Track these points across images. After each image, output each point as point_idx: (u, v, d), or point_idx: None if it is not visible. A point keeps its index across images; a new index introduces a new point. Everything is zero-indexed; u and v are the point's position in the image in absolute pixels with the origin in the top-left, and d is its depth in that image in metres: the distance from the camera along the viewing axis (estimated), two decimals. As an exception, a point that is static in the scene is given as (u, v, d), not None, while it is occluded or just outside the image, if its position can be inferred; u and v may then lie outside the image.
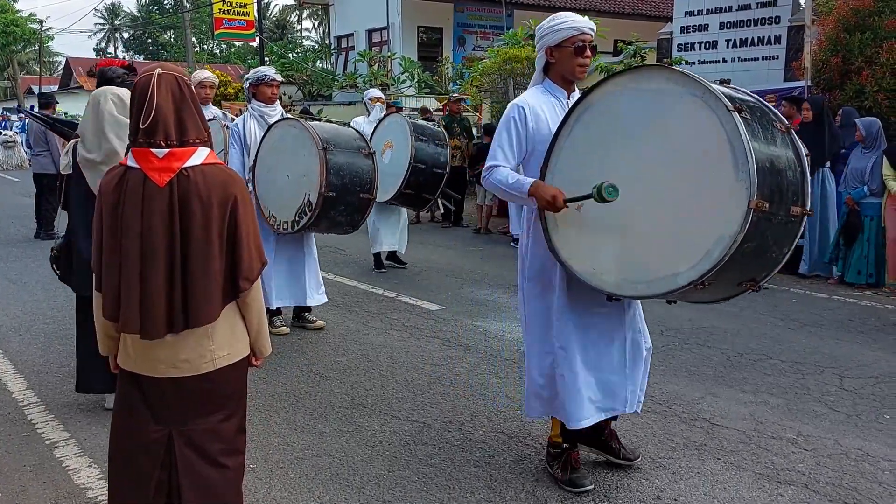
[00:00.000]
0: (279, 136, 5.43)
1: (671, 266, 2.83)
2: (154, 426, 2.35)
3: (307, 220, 5.22)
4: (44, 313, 6.34)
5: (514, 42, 16.98)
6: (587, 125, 3.10)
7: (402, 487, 3.38)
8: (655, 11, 25.79)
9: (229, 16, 25.97)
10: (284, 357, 5.21)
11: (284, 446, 3.80)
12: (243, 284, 2.35)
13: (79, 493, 3.34)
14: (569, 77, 3.31)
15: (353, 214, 5.46)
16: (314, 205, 5.17)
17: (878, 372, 4.90)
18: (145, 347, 2.32)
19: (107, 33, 63.11)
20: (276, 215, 5.42)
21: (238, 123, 5.61)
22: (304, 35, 55.77)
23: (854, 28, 9.42)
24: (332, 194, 5.18)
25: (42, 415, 4.22)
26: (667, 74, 2.93)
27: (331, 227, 5.52)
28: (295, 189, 5.30)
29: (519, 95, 3.37)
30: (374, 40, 26.38)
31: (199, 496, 2.37)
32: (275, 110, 5.65)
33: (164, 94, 2.26)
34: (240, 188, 2.35)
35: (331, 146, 5.21)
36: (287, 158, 5.37)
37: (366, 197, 5.44)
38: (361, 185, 5.39)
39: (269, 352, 2.59)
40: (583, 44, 3.20)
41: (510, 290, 7.29)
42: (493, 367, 5.00)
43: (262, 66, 5.68)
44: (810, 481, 3.42)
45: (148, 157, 2.25)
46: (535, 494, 3.31)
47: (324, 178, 5.12)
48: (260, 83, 5.55)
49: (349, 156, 5.36)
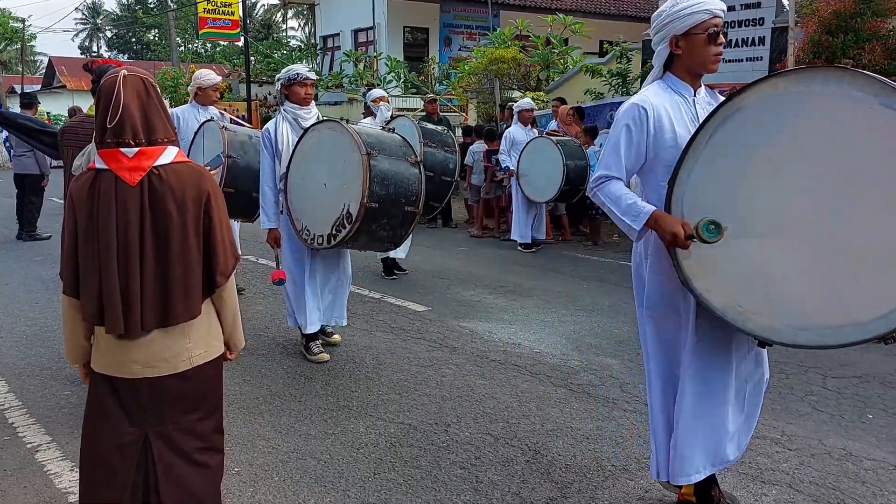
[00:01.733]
0: (316, 140, 4.84)
1: (847, 313, 2.39)
2: (129, 427, 2.35)
3: (345, 234, 4.63)
4: (25, 315, 6.27)
5: (500, 42, 17.01)
6: (734, 133, 2.57)
7: (387, 490, 3.37)
8: (640, 12, 25.90)
9: (214, 15, 25.82)
10: (269, 359, 5.18)
11: (269, 449, 3.78)
12: (219, 280, 2.38)
13: (60, 497, 3.30)
14: (699, 70, 2.81)
15: (397, 229, 4.85)
16: (354, 217, 4.56)
17: (861, 371, 4.93)
18: (121, 349, 2.32)
19: (89, 32, 62.61)
20: (311, 228, 4.85)
21: (269, 127, 5.09)
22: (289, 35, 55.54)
23: (836, 30, 9.50)
24: (375, 205, 4.56)
25: (23, 418, 4.17)
26: (848, 78, 2.39)
27: (370, 242, 4.94)
28: (333, 199, 4.69)
29: (502, 97, 3.18)
30: (359, 40, 26.33)
31: (178, 495, 2.37)
32: (310, 112, 5.10)
33: (131, 95, 2.28)
34: (211, 184, 2.37)
35: (375, 152, 4.60)
36: (324, 165, 4.78)
37: (411, 210, 4.79)
38: (407, 196, 4.76)
39: (242, 345, 2.62)
40: (716, 29, 2.71)
41: (497, 290, 7.29)
42: (480, 369, 4.99)
43: (294, 65, 5.09)
44: (794, 481, 3.44)
45: (117, 157, 2.26)
46: (520, 496, 3.30)
47: (366, 187, 4.49)
48: (293, 83, 5.02)
49: (395, 163, 4.74)
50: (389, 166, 4.67)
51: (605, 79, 13.29)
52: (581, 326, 6.04)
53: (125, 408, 2.35)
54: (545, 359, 5.20)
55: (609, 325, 6.08)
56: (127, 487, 2.35)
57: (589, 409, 4.29)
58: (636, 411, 4.23)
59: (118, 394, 2.36)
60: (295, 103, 5.07)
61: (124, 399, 2.35)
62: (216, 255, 2.36)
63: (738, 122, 2.55)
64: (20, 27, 42.15)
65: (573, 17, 18.16)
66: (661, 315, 2.90)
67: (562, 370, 4.96)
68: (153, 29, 59.28)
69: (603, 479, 3.46)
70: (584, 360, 5.18)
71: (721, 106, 2.60)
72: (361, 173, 4.51)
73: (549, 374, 4.87)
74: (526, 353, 5.32)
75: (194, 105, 6.69)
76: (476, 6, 24.24)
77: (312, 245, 4.88)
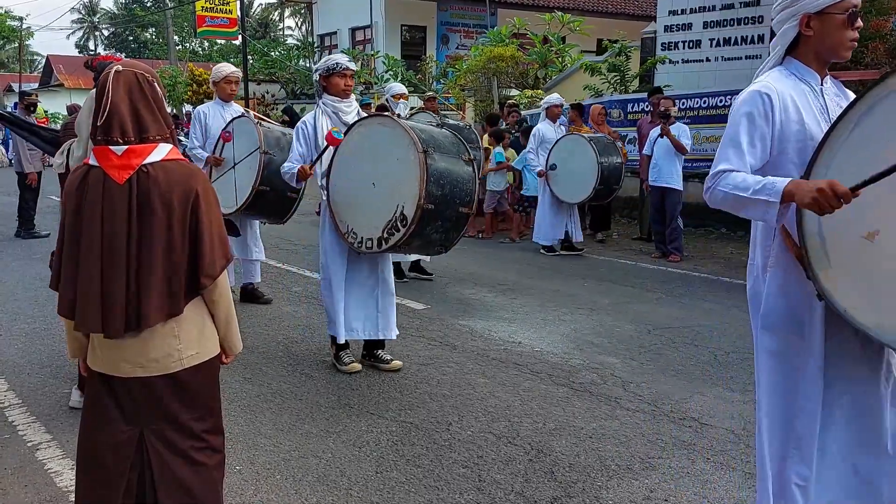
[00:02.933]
0: (364, 136, 4.54)
1: None
2: (124, 426, 2.33)
3: (399, 238, 4.32)
4: (25, 313, 6.24)
5: (497, 40, 17.00)
6: (883, 121, 2.19)
7: (389, 489, 3.35)
8: (639, 10, 25.92)
9: (211, 13, 25.76)
10: (270, 357, 5.16)
11: (271, 447, 3.76)
12: (204, 281, 2.32)
13: (61, 496, 3.28)
14: (830, 56, 2.45)
15: (450, 231, 4.52)
16: (410, 220, 4.25)
17: (863, 370, 4.92)
18: (112, 347, 2.30)
19: (86, 31, 62.49)
20: (358, 231, 4.53)
21: (307, 121, 4.78)
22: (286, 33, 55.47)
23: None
24: (431, 207, 4.24)
25: (24, 417, 4.15)
26: None
27: (423, 246, 4.67)
28: (384, 200, 4.38)
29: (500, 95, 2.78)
30: (357, 39, 26.33)
31: (176, 495, 2.35)
32: (350, 105, 4.83)
33: (121, 91, 2.25)
34: (201, 183, 2.32)
35: (430, 149, 4.29)
36: (374, 164, 4.47)
37: (465, 211, 4.47)
38: (461, 196, 4.44)
39: (239, 349, 2.56)
40: (855, 10, 2.37)
41: (496, 289, 7.28)
42: (481, 367, 4.98)
43: (333, 55, 4.76)
44: (798, 479, 3.42)
45: (107, 155, 2.24)
46: (524, 495, 3.29)
47: (423, 187, 4.19)
48: (332, 73, 4.69)
49: (450, 161, 4.43)
50: (445, 165, 4.38)
51: (603, 76, 13.28)
52: (581, 325, 6.03)
53: (120, 406, 2.34)
54: (546, 357, 5.19)
55: (610, 323, 6.07)
56: (122, 486, 2.33)
57: (591, 407, 4.28)
58: (639, 410, 4.22)
59: (113, 392, 2.34)
60: (334, 95, 4.77)
61: (119, 397, 2.34)
62: (202, 255, 2.29)
63: (890, 108, 2.17)
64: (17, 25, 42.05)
65: (571, 14, 18.15)
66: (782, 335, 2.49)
67: (563, 369, 4.95)
68: (150, 27, 59.19)
69: (607, 478, 3.45)
70: (585, 358, 5.17)
71: (869, 90, 2.22)
72: (418, 173, 4.21)
73: (551, 373, 4.86)
74: (526, 352, 5.31)
75: (218, 102, 6.48)
76: (473, 4, 24.25)
77: (360, 249, 4.55)
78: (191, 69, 29.31)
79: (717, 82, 11.53)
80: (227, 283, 2.43)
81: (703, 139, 11.12)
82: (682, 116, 10.63)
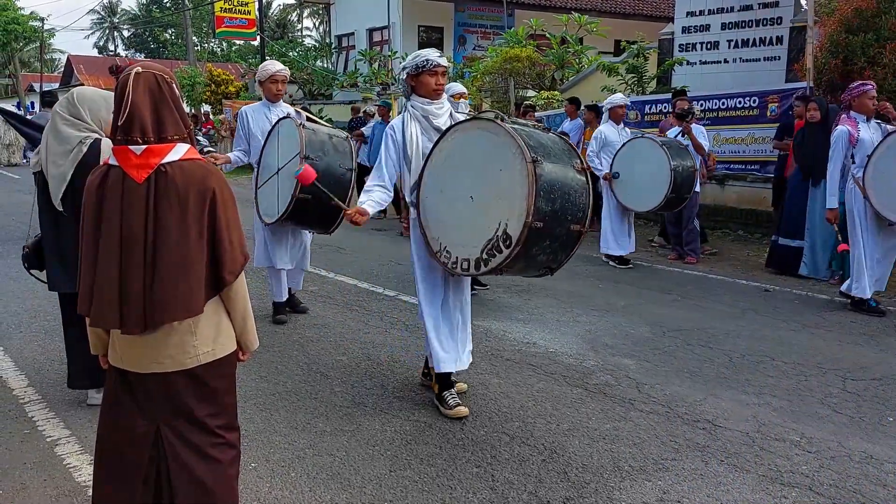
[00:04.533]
0: (461, 142, 3.96)
1: None
2: (141, 420, 2.38)
3: (502, 260, 3.72)
4: (44, 310, 6.32)
5: (514, 41, 16.99)
6: None
7: (403, 487, 3.37)
8: (656, 11, 25.81)
9: (230, 14, 25.94)
10: (285, 356, 5.20)
11: (285, 445, 3.79)
12: (228, 277, 2.36)
13: (80, 490, 3.33)
14: None
15: (558, 252, 3.87)
16: (516, 240, 3.63)
17: (881, 374, 4.89)
18: (130, 343, 2.35)
19: (107, 31, 63.09)
20: (452, 251, 3.96)
21: (395, 126, 4.22)
22: (304, 34, 55.72)
23: (857, 29, 9.42)
24: (540, 225, 3.62)
25: (43, 412, 4.21)
26: None
27: (526, 268, 3.97)
28: (483, 216, 3.82)
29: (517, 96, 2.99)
30: (374, 39, 26.40)
31: (191, 489, 2.39)
32: (441, 107, 4.21)
33: (141, 92, 2.29)
34: (218, 182, 2.35)
35: (540, 157, 3.65)
36: (472, 174, 3.90)
37: (577, 229, 3.81)
38: (573, 211, 3.78)
39: (255, 346, 2.59)
40: None
41: (510, 289, 7.28)
42: (494, 367, 4.99)
43: (423, 50, 4.22)
44: (814, 484, 3.41)
45: (126, 155, 2.28)
46: (537, 496, 3.30)
47: (532, 202, 3.57)
48: (421, 71, 4.10)
49: (562, 171, 3.79)
50: (556, 175, 3.75)
51: (621, 77, 13.23)
52: (596, 326, 6.02)
53: (137, 401, 2.38)
54: (560, 358, 5.18)
55: (624, 325, 6.06)
56: (138, 479, 2.37)
57: (605, 409, 4.28)
58: (653, 412, 4.21)
59: (130, 387, 2.39)
60: (423, 97, 4.18)
61: (136, 392, 2.38)
62: (223, 253, 2.34)
63: None
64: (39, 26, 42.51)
65: (588, 16, 18.10)
66: None
67: (577, 370, 4.94)
68: (170, 28, 59.65)
69: (620, 479, 3.45)
70: (599, 360, 5.16)
71: None
72: (526, 185, 3.61)
73: (565, 374, 4.86)
74: (541, 353, 5.31)
75: (265, 103, 6.04)
76: (491, 5, 24.23)
77: (454, 271, 3.99)
78: (209, 69, 29.48)
79: (735, 84, 11.46)
80: (243, 281, 2.47)
81: (723, 140, 11.07)
82: (702, 118, 10.59)
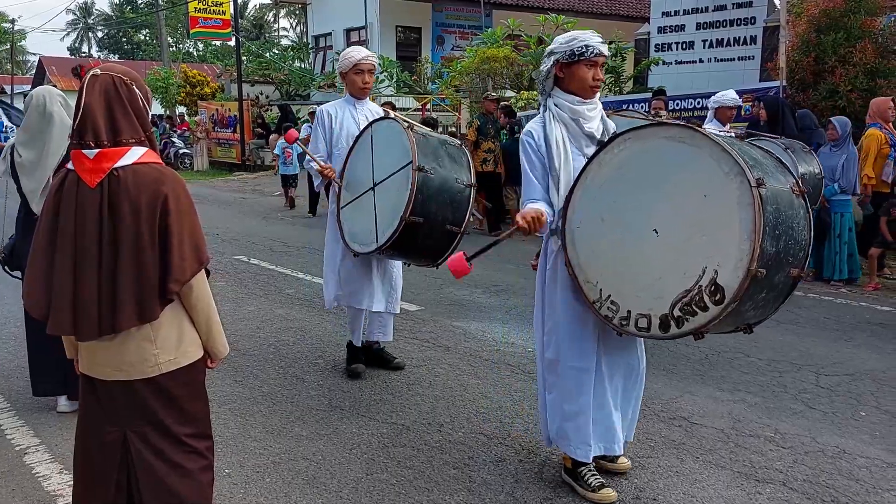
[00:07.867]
0: (636, 155, 2.93)
1: None
2: (109, 427, 2.36)
3: (707, 321, 2.70)
4: (14, 316, 6.20)
5: (492, 42, 16.99)
6: None
7: (380, 491, 3.35)
8: (632, 12, 25.91)
9: (205, 14, 25.65)
10: (261, 360, 5.15)
11: (260, 450, 3.75)
12: (172, 286, 2.27)
13: (49, 500, 3.27)
14: None
15: (770, 305, 2.86)
16: (733, 294, 2.61)
17: (854, 369, 4.94)
18: (91, 350, 2.33)
19: (80, 32, 62.36)
20: (621, 302, 2.95)
21: (533, 131, 3.18)
22: (281, 34, 55.40)
23: (826, 28, 9.53)
24: (763, 272, 2.58)
25: (12, 420, 4.13)
26: None
27: (724, 326, 2.82)
28: (674, 258, 2.80)
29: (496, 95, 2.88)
30: (352, 39, 26.28)
31: (159, 496, 2.37)
32: (594, 108, 3.19)
33: (96, 95, 2.25)
34: (171, 186, 2.27)
35: (761, 177, 2.61)
36: (655, 199, 2.87)
37: (795, 273, 2.76)
38: (795, 251, 2.74)
39: (224, 353, 2.54)
40: None
41: (490, 290, 7.28)
42: (473, 368, 4.98)
43: (578, 31, 3.18)
44: (788, 479, 3.43)
45: (80, 159, 2.25)
46: (514, 496, 3.29)
47: (759, 241, 2.55)
48: (578, 60, 3.08)
49: (784, 196, 2.74)
50: (779, 203, 2.68)
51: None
52: (574, 325, 6.01)
53: (104, 407, 2.36)
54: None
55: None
56: (110, 485, 2.36)
57: (582, 408, 4.28)
58: (629, 410, 4.22)
59: (97, 393, 2.37)
60: (573, 93, 3.15)
61: (102, 399, 2.36)
62: (170, 260, 2.26)
63: None
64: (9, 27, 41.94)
65: (565, 16, 18.15)
66: None
67: (555, 369, 4.94)
68: (144, 29, 59.09)
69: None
70: (577, 359, 5.16)
71: None
72: (751, 218, 2.57)
73: (543, 374, 4.85)
74: (519, 353, 5.31)
75: (348, 99, 4.73)
76: (468, 5, 24.21)
77: (624, 328, 2.96)
78: (184, 70, 29.20)
79: (710, 83, 11.56)
80: (205, 287, 2.40)
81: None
82: (678, 118, 10.66)
